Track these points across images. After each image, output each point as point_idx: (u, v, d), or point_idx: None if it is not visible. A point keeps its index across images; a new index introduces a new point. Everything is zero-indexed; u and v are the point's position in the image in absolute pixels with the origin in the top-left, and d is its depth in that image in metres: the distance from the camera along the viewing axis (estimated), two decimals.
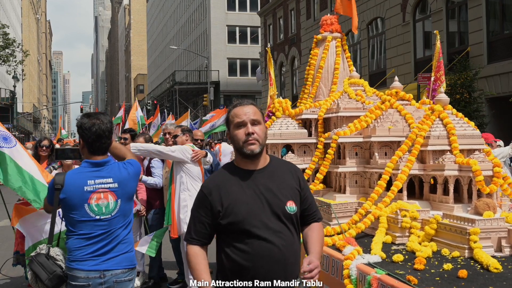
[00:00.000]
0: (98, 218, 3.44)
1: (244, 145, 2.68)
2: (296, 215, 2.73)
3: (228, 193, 2.68)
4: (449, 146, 5.02)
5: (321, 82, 7.50)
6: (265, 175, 2.73)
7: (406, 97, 6.02)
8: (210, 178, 2.83)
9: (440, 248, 4.14)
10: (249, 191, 2.68)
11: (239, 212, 2.63)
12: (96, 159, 3.54)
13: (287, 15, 35.73)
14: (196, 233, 2.74)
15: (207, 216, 2.71)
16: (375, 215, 4.75)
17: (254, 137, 2.67)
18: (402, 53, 22.23)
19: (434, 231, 4.29)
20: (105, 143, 3.53)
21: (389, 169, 5.10)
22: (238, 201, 2.64)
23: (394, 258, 3.93)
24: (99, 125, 3.48)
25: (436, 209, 4.84)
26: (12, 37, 41.46)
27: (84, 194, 3.44)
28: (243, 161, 2.74)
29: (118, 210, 3.50)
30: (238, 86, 50.29)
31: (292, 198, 2.72)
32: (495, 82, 17.43)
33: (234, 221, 2.63)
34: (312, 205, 2.87)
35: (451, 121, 5.10)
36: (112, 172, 3.52)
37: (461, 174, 4.73)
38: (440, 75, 7.42)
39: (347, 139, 5.75)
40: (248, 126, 2.69)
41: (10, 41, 39.30)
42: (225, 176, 2.76)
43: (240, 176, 2.72)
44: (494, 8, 18.12)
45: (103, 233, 3.45)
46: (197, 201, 2.78)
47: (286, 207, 2.68)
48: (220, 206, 2.67)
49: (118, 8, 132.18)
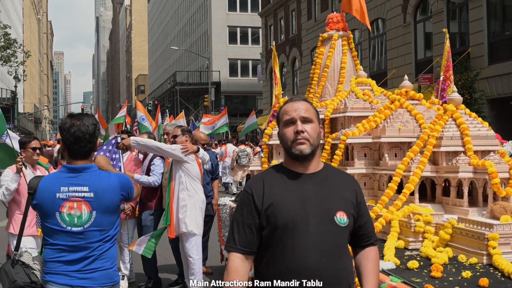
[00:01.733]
0: (69, 230, 3.10)
1: (293, 145, 2.41)
2: (347, 229, 2.41)
3: (271, 192, 2.40)
4: (463, 147, 4.82)
5: (327, 82, 7.31)
6: (316, 180, 2.44)
7: (416, 97, 5.84)
8: (254, 177, 2.59)
9: (456, 254, 3.95)
10: (295, 194, 2.38)
11: (280, 215, 2.34)
12: (75, 164, 3.20)
13: (288, 16, 35.63)
14: (240, 239, 2.39)
15: (252, 218, 2.39)
16: (386, 218, 4.56)
17: (304, 136, 2.40)
18: (403, 54, 22.24)
19: (449, 236, 4.10)
20: (85, 146, 3.18)
21: (400, 171, 4.92)
22: (281, 203, 2.36)
23: (409, 265, 3.74)
24: (78, 127, 3.16)
25: (449, 213, 4.65)
26: (14, 37, 41.34)
27: (56, 201, 3.12)
28: (292, 162, 2.46)
29: (92, 223, 3.12)
30: (239, 86, 50.20)
31: (344, 210, 2.40)
32: (496, 83, 17.38)
33: (273, 224, 2.35)
34: (368, 224, 2.55)
35: (465, 121, 4.91)
36: (89, 180, 3.16)
37: (476, 177, 4.54)
38: (449, 74, 7.24)
39: (356, 140, 5.57)
40: (297, 123, 2.42)
41: (12, 42, 39.19)
42: (271, 175, 2.49)
43: (287, 178, 2.44)
44: (495, 9, 18.11)
45: (76, 246, 3.11)
46: (240, 203, 2.48)
47: (335, 218, 2.37)
48: (261, 204, 2.39)
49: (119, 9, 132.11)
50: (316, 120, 2.45)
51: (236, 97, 50.50)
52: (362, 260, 2.50)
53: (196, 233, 6.41)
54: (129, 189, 3.32)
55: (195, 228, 6.38)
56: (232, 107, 42.54)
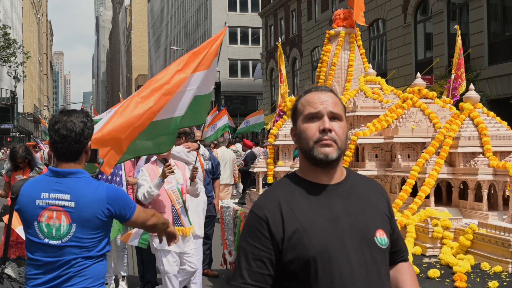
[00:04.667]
0: (46, 242, 2.71)
1: (316, 146, 1.90)
2: (388, 251, 1.95)
3: (293, 215, 1.86)
4: (481, 148, 4.58)
5: (334, 80, 7.07)
6: (343, 192, 1.94)
7: (430, 95, 5.60)
8: (266, 194, 2.00)
9: (478, 261, 3.71)
10: (323, 214, 1.87)
11: (309, 244, 1.82)
12: (60, 167, 2.78)
13: (288, 16, 35.47)
14: (252, 276, 1.85)
15: (266, 249, 1.85)
16: (401, 223, 4.32)
17: (332, 136, 1.90)
18: (403, 54, 22.21)
19: (470, 242, 3.86)
20: (71, 147, 2.76)
21: (414, 172, 4.67)
22: (308, 227, 1.84)
23: (430, 274, 3.50)
24: (64, 123, 2.76)
25: (468, 217, 4.40)
26: (13, 37, 41.17)
27: (35, 209, 2.73)
28: (312, 170, 1.95)
29: (71, 237, 2.69)
30: (239, 87, 50.05)
31: (382, 227, 1.94)
32: (496, 84, 17.32)
33: (302, 256, 1.81)
34: (400, 238, 2.14)
35: (483, 121, 4.67)
36: (72, 188, 2.73)
37: (496, 179, 4.30)
38: (461, 73, 7.00)
39: (367, 140, 5.33)
40: (324, 119, 1.91)
41: (11, 42, 39.03)
42: (287, 190, 1.94)
43: (308, 192, 1.92)
44: (495, 10, 18.05)
45: (53, 262, 2.71)
46: (248, 229, 1.91)
47: (375, 238, 1.89)
48: (281, 232, 1.84)
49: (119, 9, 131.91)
50: (344, 118, 1.99)
51: (236, 97, 50.32)
52: (398, 276, 2.11)
53: (199, 235, 6.34)
54: (122, 206, 2.83)
55: (197, 229, 6.31)
56: (232, 108, 42.31)
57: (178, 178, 5.60)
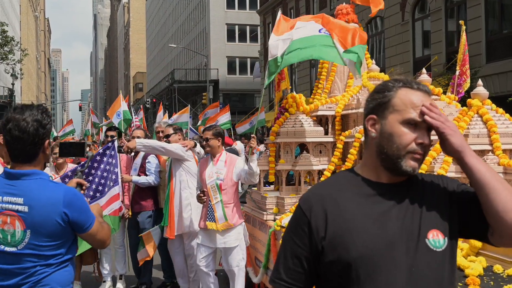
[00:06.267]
0: (2, 249, 2.50)
1: (407, 157, 1.71)
2: (446, 255, 1.70)
3: (338, 213, 1.71)
4: (490, 145, 4.46)
5: (336, 76, 6.94)
6: (400, 192, 1.75)
7: (436, 92, 5.47)
8: (315, 187, 1.89)
9: (490, 264, 3.58)
10: (371, 214, 1.70)
11: (353, 245, 1.65)
12: (14, 169, 2.55)
13: (286, 14, 35.30)
14: (288, 272, 1.75)
15: (304, 247, 1.73)
16: None
17: (426, 150, 1.76)
18: (401, 52, 22.21)
19: (482, 244, 3.72)
20: (25, 149, 2.52)
21: (422, 171, 4.53)
22: (352, 227, 1.68)
23: None
24: (17, 123, 2.50)
25: None
26: (11, 35, 41.00)
27: None
28: (378, 170, 1.78)
29: (26, 244, 2.47)
30: (237, 84, 49.96)
31: (437, 226, 1.71)
32: (494, 82, 17.26)
33: (344, 258, 1.66)
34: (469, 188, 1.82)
35: (492, 118, 4.54)
36: (26, 190, 2.49)
37: (506, 177, 4.17)
38: (466, 69, 6.86)
39: None
40: (425, 133, 1.74)
41: (9, 39, 38.85)
42: (339, 186, 1.79)
43: (362, 190, 1.75)
44: (493, 8, 18.03)
45: (10, 271, 2.49)
46: (292, 222, 1.80)
47: (427, 240, 1.68)
48: (323, 231, 1.70)
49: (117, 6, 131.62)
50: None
51: (235, 95, 50.19)
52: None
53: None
54: (80, 212, 2.55)
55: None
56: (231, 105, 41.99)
57: (219, 174, 5.41)
